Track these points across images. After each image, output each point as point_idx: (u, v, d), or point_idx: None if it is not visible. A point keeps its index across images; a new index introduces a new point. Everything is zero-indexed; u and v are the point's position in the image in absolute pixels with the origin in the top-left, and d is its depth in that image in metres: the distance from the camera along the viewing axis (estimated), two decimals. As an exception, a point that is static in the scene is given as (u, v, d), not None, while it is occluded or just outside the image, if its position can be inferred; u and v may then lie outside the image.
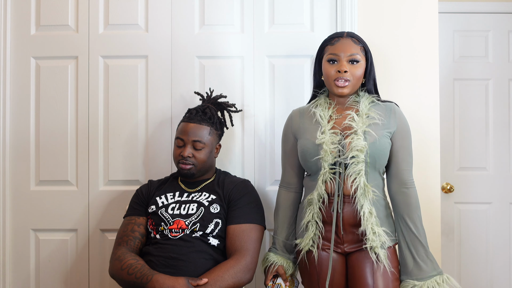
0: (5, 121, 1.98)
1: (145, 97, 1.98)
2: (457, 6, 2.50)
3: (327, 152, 1.46)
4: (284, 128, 1.67)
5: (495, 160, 2.52)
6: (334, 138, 1.48)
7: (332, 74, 1.51)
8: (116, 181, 1.98)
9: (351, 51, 1.51)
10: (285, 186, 1.66)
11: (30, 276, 1.99)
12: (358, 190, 1.46)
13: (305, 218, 1.53)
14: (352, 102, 1.56)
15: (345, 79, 1.49)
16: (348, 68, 1.49)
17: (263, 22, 1.99)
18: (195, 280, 1.44)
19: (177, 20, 1.99)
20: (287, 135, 1.64)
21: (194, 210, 1.61)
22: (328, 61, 1.53)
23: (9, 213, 1.99)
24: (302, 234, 1.56)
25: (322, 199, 1.49)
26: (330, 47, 1.54)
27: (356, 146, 1.45)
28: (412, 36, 1.94)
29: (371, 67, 1.57)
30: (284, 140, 1.66)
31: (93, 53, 1.99)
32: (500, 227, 2.52)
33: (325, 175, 1.48)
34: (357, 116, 1.50)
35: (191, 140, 1.64)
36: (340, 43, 1.53)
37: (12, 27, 1.99)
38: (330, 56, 1.52)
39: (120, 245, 1.59)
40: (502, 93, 2.53)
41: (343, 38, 1.54)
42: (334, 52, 1.52)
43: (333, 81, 1.51)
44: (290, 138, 1.63)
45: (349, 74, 1.50)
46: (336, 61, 1.51)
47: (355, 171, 1.45)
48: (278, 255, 1.60)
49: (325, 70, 1.54)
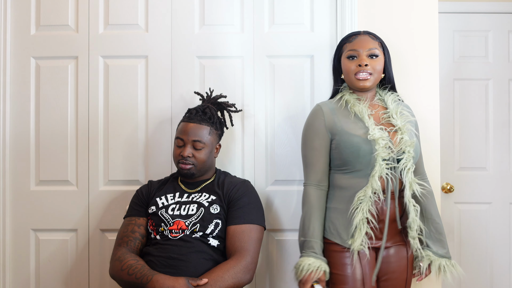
0: (5, 121, 1.97)
1: (145, 97, 1.98)
2: (457, 6, 2.50)
3: (383, 148, 1.47)
4: (312, 123, 1.58)
5: (495, 160, 2.52)
6: (383, 134, 1.49)
7: (353, 69, 1.54)
8: (116, 181, 1.98)
9: (370, 46, 1.55)
10: (316, 185, 1.55)
11: (30, 276, 1.99)
12: (406, 184, 1.50)
13: (358, 217, 1.46)
14: (377, 100, 1.61)
15: (367, 72, 1.53)
16: (368, 62, 1.53)
17: (263, 22, 1.99)
18: (195, 280, 1.44)
19: (177, 20, 1.99)
20: (319, 131, 1.55)
21: (194, 210, 1.61)
22: (347, 58, 1.56)
23: (9, 213, 1.99)
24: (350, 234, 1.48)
25: (377, 195, 1.47)
26: (349, 44, 1.58)
27: (406, 142, 1.50)
28: (412, 36, 1.93)
29: (389, 62, 1.62)
30: (312, 136, 1.56)
31: (93, 53, 1.98)
32: (500, 227, 2.52)
33: (382, 171, 1.46)
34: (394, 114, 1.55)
35: (191, 140, 1.64)
36: (358, 39, 1.57)
37: (12, 27, 1.99)
38: (350, 53, 1.56)
39: (120, 245, 1.59)
40: (502, 93, 2.53)
41: (360, 35, 1.58)
42: (354, 48, 1.55)
43: (354, 75, 1.54)
44: (324, 133, 1.55)
45: (370, 67, 1.53)
46: (356, 56, 1.55)
47: (406, 166, 1.49)
48: (320, 260, 1.47)
49: (345, 66, 1.57)
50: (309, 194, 1.55)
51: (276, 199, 1.96)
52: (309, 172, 1.57)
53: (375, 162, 1.47)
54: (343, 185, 1.53)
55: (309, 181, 1.57)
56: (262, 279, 1.97)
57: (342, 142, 1.51)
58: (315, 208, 1.52)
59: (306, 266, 1.44)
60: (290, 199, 1.95)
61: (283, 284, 1.96)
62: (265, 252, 1.96)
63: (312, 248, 1.48)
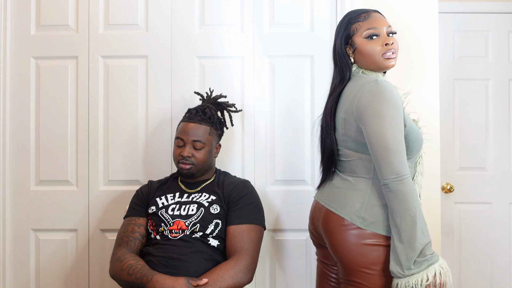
0: (5, 121, 1.98)
1: (145, 97, 1.98)
2: (457, 6, 2.50)
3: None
4: (397, 100, 1.32)
5: (495, 160, 2.52)
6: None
7: (379, 49, 1.38)
8: (116, 181, 1.98)
9: (387, 23, 1.41)
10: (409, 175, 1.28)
11: (30, 276, 1.99)
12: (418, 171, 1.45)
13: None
14: None
15: (393, 50, 1.40)
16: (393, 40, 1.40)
17: (263, 22, 1.99)
18: (195, 280, 1.44)
19: (177, 20, 1.99)
20: (402, 110, 1.33)
21: (194, 210, 1.61)
22: (366, 38, 1.40)
23: (9, 213, 1.99)
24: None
25: None
26: (363, 23, 1.40)
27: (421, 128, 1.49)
28: (412, 36, 1.94)
29: None
30: (399, 115, 1.31)
31: (93, 53, 1.99)
32: (500, 227, 2.51)
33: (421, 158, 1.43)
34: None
35: (191, 140, 1.64)
36: (374, 17, 1.41)
37: (12, 27, 1.99)
38: (370, 32, 1.39)
39: (120, 245, 1.59)
40: (502, 93, 2.53)
41: (372, 12, 1.43)
42: (373, 26, 1.39)
43: (381, 56, 1.39)
44: (403, 115, 1.34)
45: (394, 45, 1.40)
46: (377, 34, 1.39)
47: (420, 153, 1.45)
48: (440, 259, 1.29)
49: (367, 47, 1.39)
50: (412, 188, 1.27)
51: (276, 199, 1.96)
52: (401, 161, 1.28)
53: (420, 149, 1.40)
54: None
55: (405, 171, 1.27)
56: (262, 279, 1.97)
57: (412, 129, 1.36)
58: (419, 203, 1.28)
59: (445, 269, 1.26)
60: (290, 199, 1.95)
61: (283, 284, 1.96)
62: (265, 252, 1.96)
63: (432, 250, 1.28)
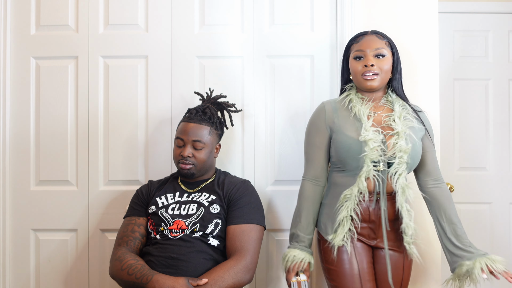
0: (5, 121, 1.98)
1: (145, 97, 1.98)
2: (457, 6, 2.50)
3: (373, 150, 1.48)
4: (314, 120, 1.63)
5: (495, 160, 2.52)
6: (377, 137, 1.50)
7: (359, 70, 1.55)
8: (116, 181, 1.98)
9: (377, 46, 1.55)
10: (313, 180, 1.61)
11: (30, 276, 1.99)
12: (399, 188, 1.50)
13: (341, 214, 1.52)
14: (385, 101, 1.60)
15: (373, 72, 1.53)
16: (375, 62, 1.54)
17: (263, 22, 1.99)
18: (195, 280, 1.44)
19: (177, 20, 1.99)
20: (320, 127, 1.60)
21: (194, 210, 1.61)
22: (354, 58, 1.58)
23: (9, 213, 1.99)
24: (334, 229, 1.54)
25: (363, 195, 1.51)
26: (356, 44, 1.59)
27: (401, 147, 1.49)
28: (412, 36, 1.94)
29: (398, 61, 1.61)
30: (313, 132, 1.62)
31: (93, 53, 1.99)
32: (500, 227, 2.51)
33: (369, 172, 1.49)
34: (397, 118, 1.54)
35: (191, 140, 1.64)
36: (365, 39, 1.57)
37: (12, 27, 2.00)
38: (357, 53, 1.57)
39: (120, 245, 1.59)
40: (502, 93, 2.53)
41: (367, 35, 1.58)
42: (360, 48, 1.56)
43: (361, 75, 1.55)
44: (324, 131, 1.60)
45: (376, 67, 1.54)
46: (362, 57, 1.56)
47: (397, 170, 1.49)
48: (305, 252, 1.56)
49: (353, 67, 1.58)
50: (305, 189, 1.62)
51: (276, 199, 1.96)
52: (308, 168, 1.63)
53: (363, 163, 1.49)
54: (337, 183, 1.58)
55: (307, 176, 1.63)
56: (262, 279, 1.97)
57: (336, 141, 1.56)
58: (308, 202, 1.60)
59: (291, 257, 1.54)
60: (290, 199, 1.95)
61: (283, 284, 1.96)
62: (265, 252, 1.96)
63: (299, 240, 1.57)
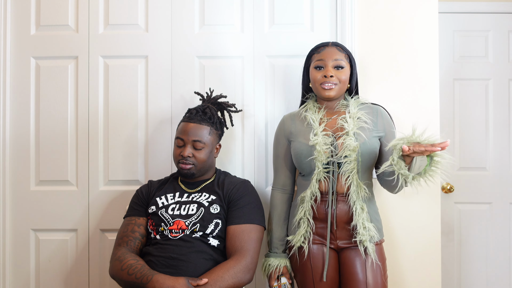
0: (5, 121, 1.98)
1: (145, 97, 1.98)
2: (457, 6, 2.50)
3: (320, 153, 1.55)
4: (276, 133, 1.75)
5: (495, 160, 2.52)
6: (326, 140, 1.58)
7: (319, 79, 1.61)
8: (116, 181, 1.98)
9: (336, 57, 1.62)
10: (280, 189, 1.73)
11: (30, 276, 1.99)
12: (351, 187, 1.54)
13: (297, 215, 1.61)
14: (341, 106, 1.67)
15: (332, 82, 1.60)
16: (334, 73, 1.60)
17: (263, 22, 1.99)
18: (195, 280, 1.44)
19: (177, 20, 1.99)
20: (280, 139, 1.72)
21: (194, 210, 1.61)
22: (315, 68, 1.64)
23: (9, 213, 1.99)
24: (294, 231, 1.63)
25: (315, 197, 1.58)
26: (317, 55, 1.65)
27: (348, 146, 1.54)
28: (412, 36, 1.94)
29: (354, 72, 1.69)
30: (276, 144, 1.74)
31: (93, 53, 1.99)
32: (500, 227, 2.52)
33: (319, 174, 1.56)
34: (349, 118, 1.60)
35: (191, 140, 1.64)
36: (326, 51, 1.64)
37: (12, 27, 2.00)
38: (317, 63, 1.63)
39: (120, 245, 1.59)
40: (502, 93, 2.53)
41: (328, 47, 1.65)
42: (321, 58, 1.63)
43: (320, 85, 1.61)
44: (283, 141, 1.71)
45: (335, 78, 1.60)
46: (323, 67, 1.62)
47: (348, 169, 1.55)
48: (278, 258, 1.67)
49: (313, 76, 1.64)
50: (274, 197, 1.73)
51: (276, 199, 1.96)
52: (275, 177, 1.75)
53: (314, 166, 1.57)
54: (300, 186, 1.67)
55: (275, 185, 1.75)
56: (262, 279, 1.96)
57: (292, 148, 1.65)
58: (277, 210, 1.71)
59: (267, 266, 1.67)
60: (290, 199, 1.95)
61: (283, 284, 1.96)
62: (265, 252, 1.96)
63: (273, 247, 1.69)
